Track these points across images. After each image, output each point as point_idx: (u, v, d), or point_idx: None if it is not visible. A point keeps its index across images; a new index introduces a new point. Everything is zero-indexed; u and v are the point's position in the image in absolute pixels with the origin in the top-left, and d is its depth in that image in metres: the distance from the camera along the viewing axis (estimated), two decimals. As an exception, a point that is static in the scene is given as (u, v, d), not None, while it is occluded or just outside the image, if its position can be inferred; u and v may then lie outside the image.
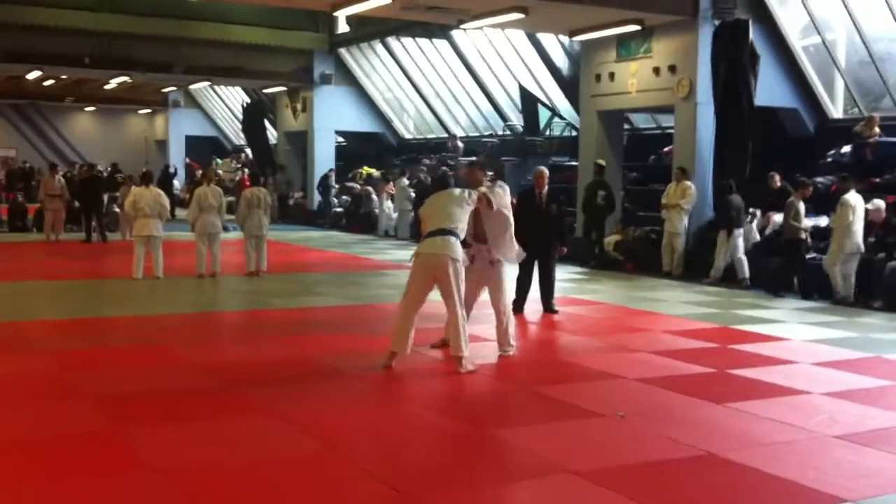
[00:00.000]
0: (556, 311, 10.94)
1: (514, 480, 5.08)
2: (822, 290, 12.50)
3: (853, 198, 12.26)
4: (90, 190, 19.84)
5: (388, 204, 22.76)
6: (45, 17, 22.14)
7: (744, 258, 13.92)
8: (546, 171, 11.13)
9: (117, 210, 21.24)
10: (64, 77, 30.78)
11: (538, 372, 8.03)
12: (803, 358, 8.62)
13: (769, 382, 7.57)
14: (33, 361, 7.93)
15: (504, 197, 8.62)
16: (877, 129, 14.53)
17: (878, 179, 14.08)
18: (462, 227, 7.92)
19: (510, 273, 8.89)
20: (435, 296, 7.87)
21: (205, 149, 36.36)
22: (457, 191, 8.20)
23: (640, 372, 7.85)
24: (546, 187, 10.94)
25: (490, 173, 9.20)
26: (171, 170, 31.71)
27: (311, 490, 4.91)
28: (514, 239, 8.61)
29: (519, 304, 10.95)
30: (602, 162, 16.60)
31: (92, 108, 38.71)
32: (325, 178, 25.65)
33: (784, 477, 5.19)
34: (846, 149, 14.93)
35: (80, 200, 20.09)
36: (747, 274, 13.79)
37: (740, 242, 14.02)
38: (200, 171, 26.98)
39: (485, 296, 8.83)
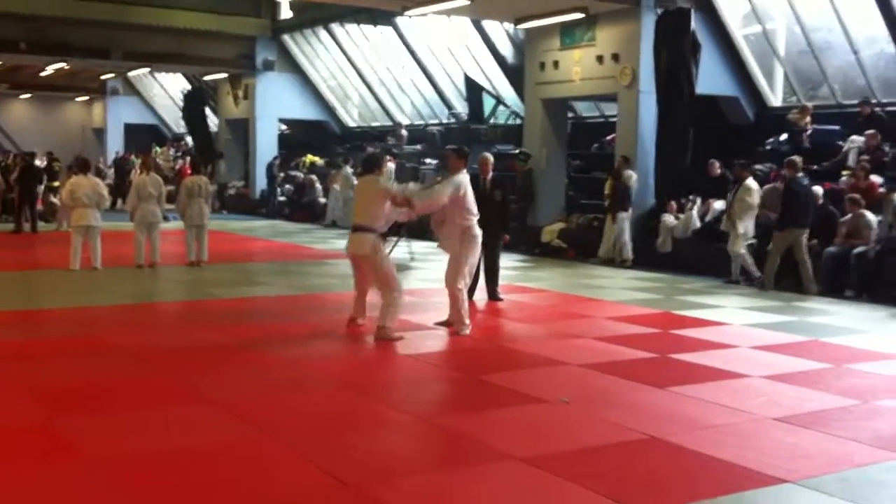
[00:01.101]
0: (500, 299, 10.94)
1: (459, 467, 5.05)
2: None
3: (753, 183, 12.88)
4: (25, 179, 19.32)
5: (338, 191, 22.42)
6: (-23, 1, 21.56)
7: (628, 240, 14.92)
8: (490, 158, 11.10)
9: (55, 200, 20.81)
10: (-1, 63, 30.10)
11: (482, 359, 8.02)
12: (742, 342, 8.73)
13: (709, 366, 7.65)
14: (-35, 353, 7.72)
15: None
16: (809, 118, 14.77)
17: (815, 167, 14.29)
18: (382, 220, 8.61)
19: (472, 255, 9.06)
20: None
21: (144, 137, 35.74)
22: (382, 182, 8.74)
23: (584, 358, 7.88)
24: (490, 173, 10.92)
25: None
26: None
27: (250, 479, 4.83)
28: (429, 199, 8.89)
29: (468, 293, 10.92)
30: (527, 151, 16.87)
31: (28, 96, 37.83)
32: (271, 166, 25.33)
33: (725, 459, 5.24)
34: (784, 136, 15.16)
35: (16, 190, 19.58)
36: (630, 255, 14.85)
37: (626, 226, 14.95)
38: (139, 161, 26.57)
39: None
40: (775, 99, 16.47)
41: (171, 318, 10.38)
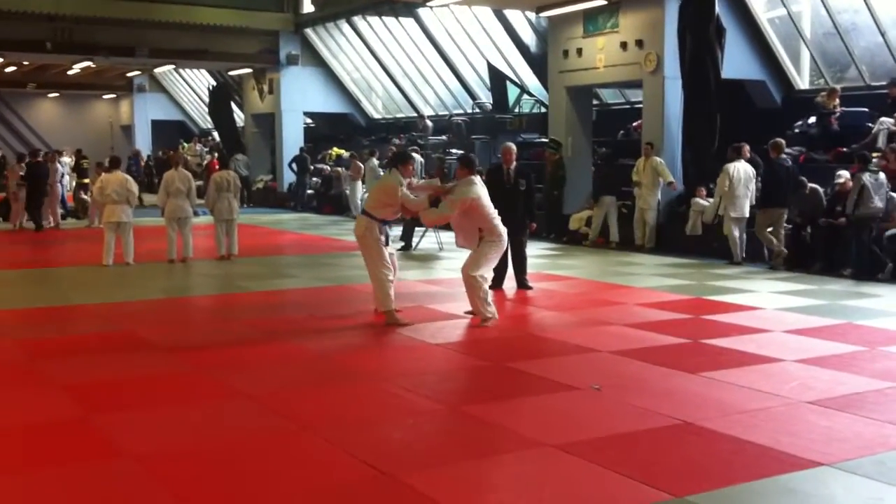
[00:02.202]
0: (529, 287, 10.95)
1: (493, 455, 5.08)
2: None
3: (732, 167, 13.19)
4: (34, 177, 19.39)
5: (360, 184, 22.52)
6: (4, 1, 21.72)
7: (615, 222, 15.67)
8: (513, 147, 11.11)
9: (86, 197, 21.01)
10: (26, 63, 30.36)
11: (512, 348, 8.04)
12: (775, 326, 8.69)
13: (742, 351, 7.62)
14: (2, 350, 7.83)
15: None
16: (838, 101, 14.63)
17: (844, 149, 14.18)
18: (382, 209, 8.88)
19: (493, 251, 9.07)
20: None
21: (171, 133, 36.01)
22: (392, 180, 8.94)
23: (615, 344, 7.88)
24: (514, 163, 10.92)
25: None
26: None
27: (290, 471, 4.89)
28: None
29: (497, 282, 10.94)
30: (557, 139, 16.87)
31: (55, 95, 38.19)
32: (304, 159, 25.27)
33: (759, 443, 5.23)
34: (813, 119, 15.03)
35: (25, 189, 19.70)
36: (617, 238, 15.63)
37: (613, 209, 15.68)
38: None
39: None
40: (802, 82, 16.33)
41: (204, 312, 10.48)
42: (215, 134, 31.77)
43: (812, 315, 9.25)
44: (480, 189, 8.97)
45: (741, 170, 13.23)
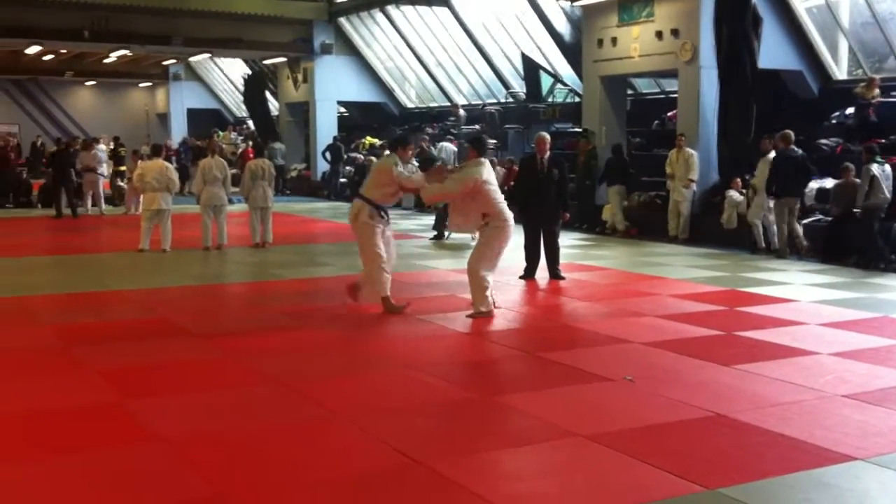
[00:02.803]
0: (562, 278, 10.92)
1: (525, 445, 5.09)
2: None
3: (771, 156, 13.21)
4: (60, 164, 19.50)
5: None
6: (42, -9, 22.00)
7: (619, 211, 16.04)
8: (547, 137, 11.09)
9: (123, 184, 21.23)
10: (63, 51, 30.66)
11: (545, 338, 8.03)
12: (811, 319, 8.61)
13: (777, 343, 7.56)
14: (37, 335, 7.95)
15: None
16: (877, 91, 14.43)
17: (882, 140, 14.00)
18: (378, 191, 8.82)
19: (498, 241, 8.77)
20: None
21: (207, 121, 36.24)
22: (388, 161, 8.93)
23: (648, 336, 7.85)
24: (548, 152, 10.89)
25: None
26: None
27: (323, 457, 4.93)
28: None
29: (529, 272, 10.94)
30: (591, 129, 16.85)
31: (92, 83, 38.56)
32: (338, 148, 25.31)
33: (793, 436, 5.19)
34: (850, 110, 14.86)
35: (53, 175, 19.84)
36: (620, 227, 16.00)
37: (618, 198, 16.06)
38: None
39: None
40: (840, 72, 16.11)
41: (238, 299, 10.56)
42: (250, 122, 31.94)
43: (848, 308, 9.16)
44: (487, 172, 8.70)
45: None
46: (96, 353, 7.24)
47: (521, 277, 10.94)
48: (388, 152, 9.14)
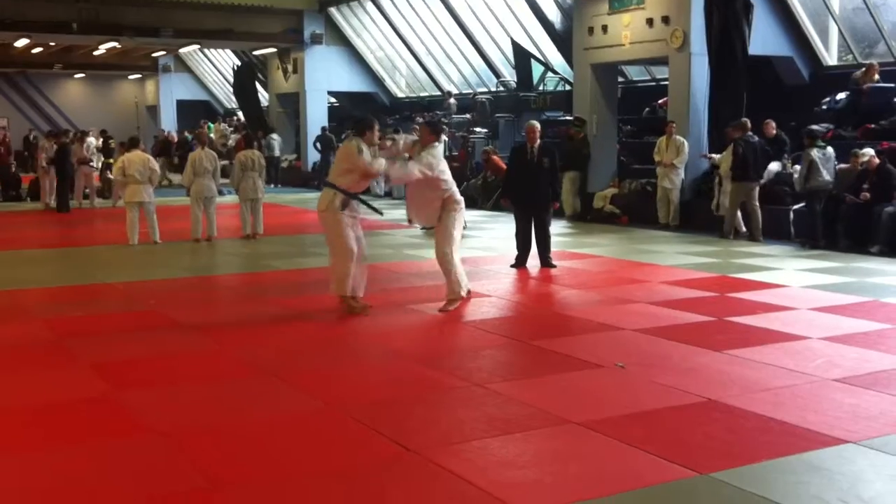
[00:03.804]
0: (553, 266, 10.93)
1: (518, 432, 5.09)
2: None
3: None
4: (59, 159, 19.38)
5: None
6: (31, -17, 21.90)
7: (571, 197, 16.50)
8: (537, 125, 11.06)
9: (112, 176, 21.13)
10: (52, 44, 30.52)
11: (536, 326, 8.04)
12: (801, 304, 8.64)
13: (768, 329, 7.59)
14: (29, 329, 7.93)
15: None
16: (876, 77, 14.44)
17: (873, 125, 14.04)
18: (344, 177, 8.27)
19: (457, 224, 8.67)
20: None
21: (196, 113, 36.15)
22: (351, 144, 8.32)
23: (639, 323, 7.86)
24: (538, 141, 10.89)
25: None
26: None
27: (318, 448, 4.92)
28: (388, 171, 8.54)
29: (520, 260, 10.96)
30: (582, 117, 16.85)
31: (81, 75, 38.42)
32: (328, 139, 25.21)
33: (785, 420, 5.21)
34: (841, 96, 14.88)
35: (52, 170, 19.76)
36: (568, 210, 16.59)
37: (569, 184, 16.33)
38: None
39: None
40: (831, 58, 16.14)
41: (230, 290, 10.55)
42: (240, 114, 31.86)
43: (838, 293, 9.19)
44: (440, 155, 8.61)
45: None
46: (89, 346, 7.22)
47: (512, 266, 10.95)
48: (350, 136, 8.66)
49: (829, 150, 12.68)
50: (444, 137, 19.32)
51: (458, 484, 4.35)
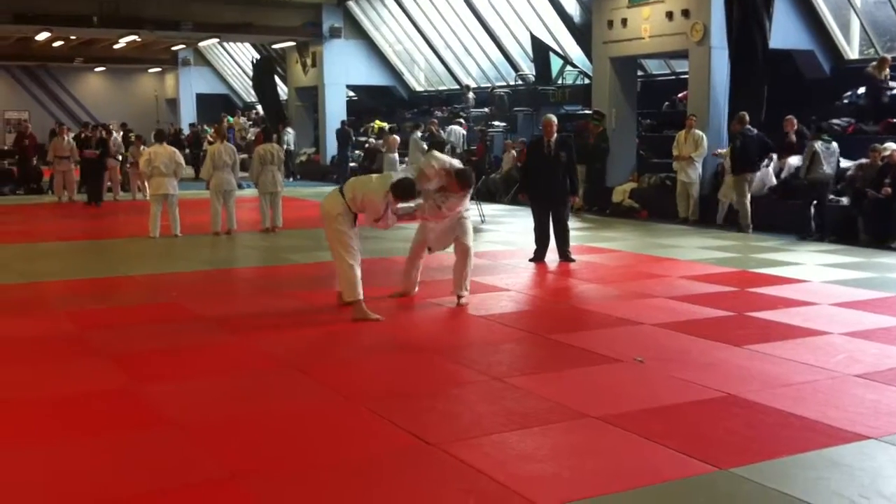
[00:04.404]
0: (572, 260, 10.91)
1: (536, 426, 5.09)
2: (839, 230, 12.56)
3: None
4: (103, 152, 19.59)
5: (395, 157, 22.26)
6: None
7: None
8: (554, 119, 11.01)
9: (128, 169, 21.25)
10: (73, 37, 30.68)
11: (555, 320, 8.03)
12: (822, 299, 8.59)
13: (788, 324, 7.55)
14: (51, 321, 7.98)
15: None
16: (888, 71, 14.34)
17: (894, 120, 13.93)
18: (361, 212, 8.02)
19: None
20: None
21: (216, 106, 36.27)
22: (378, 198, 7.92)
23: (658, 317, 7.84)
24: (555, 135, 10.82)
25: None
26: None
27: (337, 441, 4.94)
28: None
29: (539, 255, 10.93)
30: (601, 110, 16.78)
31: (102, 69, 38.59)
32: (346, 133, 25.22)
33: (805, 416, 5.19)
34: (862, 90, 14.77)
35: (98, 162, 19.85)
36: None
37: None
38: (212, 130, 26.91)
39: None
40: (852, 52, 16.02)
41: (249, 283, 10.58)
42: (259, 107, 31.95)
43: (860, 288, 9.14)
44: (464, 203, 8.53)
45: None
46: (110, 339, 7.26)
47: (531, 260, 10.94)
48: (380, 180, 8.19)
49: (834, 144, 12.84)
50: (461, 132, 19.43)
51: (476, 477, 4.36)
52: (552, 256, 10.98)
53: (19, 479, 4.42)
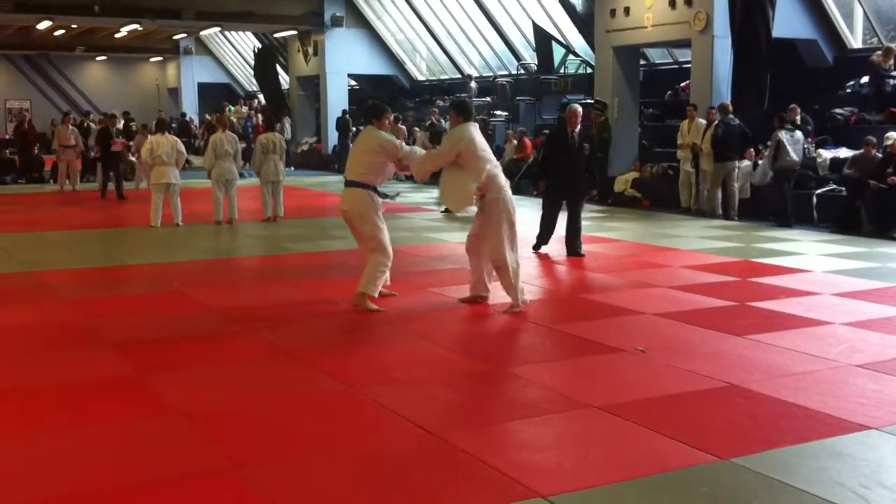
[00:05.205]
0: (582, 255, 10.62)
1: (538, 415, 5.09)
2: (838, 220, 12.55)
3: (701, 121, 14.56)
4: (105, 142, 19.45)
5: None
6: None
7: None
8: (580, 109, 10.58)
9: (133, 159, 21.23)
10: (74, 26, 30.65)
11: (558, 310, 8.04)
12: (824, 289, 8.59)
13: (790, 314, 7.55)
14: (53, 310, 7.99)
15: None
16: (892, 60, 14.30)
17: (897, 109, 13.92)
18: (373, 173, 7.79)
19: (500, 214, 7.75)
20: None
21: (217, 95, 36.24)
22: (380, 135, 7.81)
23: (660, 307, 7.84)
24: (579, 126, 10.47)
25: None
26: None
27: (340, 430, 4.94)
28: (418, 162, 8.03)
29: (542, 242, 10.82)
30: (603, 100, 16.73)
31: (103, 58, 38.53)
32: (346, 122, 25.23)
33: (807, 406, 5.19)
34: (865, 79, 14.74)
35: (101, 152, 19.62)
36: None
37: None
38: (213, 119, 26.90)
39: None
40: (855, 41, 15.99)
41: (251, 272, 10.59)
42: (261, 96, 31.91)
43: (862, 278, 9.13)
44: (476, 135, 7.71)
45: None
46: (113, 328, 7.27)
47: (533, 248, 10.85)
48: (366, 127, 8.03)
49: (798, 133, 13.40)
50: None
51: (478, 467, 4.36)
52: (553, 246, 10.94)
53: (23, 466, 4.43)
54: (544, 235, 10.87)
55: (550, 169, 10.85)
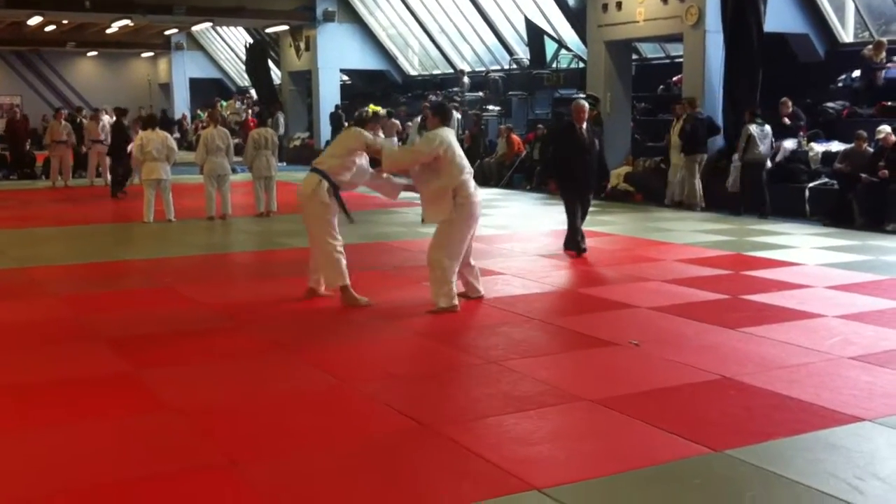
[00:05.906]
0: (584, 250, 10.35)
1: (532, 409, 5.10)
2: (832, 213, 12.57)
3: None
4: (119, 137, 18.28)
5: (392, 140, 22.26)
6: (43, -39, 21.88)
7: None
8: (586, 105, 10.36)
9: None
10: (65, 22, 30.51)
11: (552, 303, 8.05)
12: (817, 282, 8.62)
13: (783, 307, 7.57)
14: (46, 306, 7.98)
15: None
16: (884, 54, 14.33)
17: (889, 103, 13.93)
18: (335, 164, 7.93)
19: (462, 220, 7.58)
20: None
21: (209, 91, 36.14)
22: (363, 134, 7.93)
23: (654, 300, 7.86)
24: (586, 122, 10.22)
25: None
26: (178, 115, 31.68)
27: (333, 423, 4.95)
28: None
29: (572, 242, 10.44)
30: (595, 94, 16.72)
31: (94, 53, 38.41)
32: (338, 117, 25.19)
33: (800, 398, 5.21)
34: (857, 73, 14.77)
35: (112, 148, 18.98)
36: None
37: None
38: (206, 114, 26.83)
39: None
40: (847, 35, 16.01)
41: (244, 268, 10.58)
42: (252, 92, 31.84)
43: (854, 271, 9.16)
44: (453, 138, 7.67)
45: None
46: (107, 323, 7.27)
47: (564, 247, 10.46)
48: (349, 127, 8.21)
49: (767, 127, 13.78)
50: (456, 116, 19.34)
51: (472, 460, 4.37)
52: (553, 241, 10.92)
53: (19, 463, 4.43)
54: (574, 234, 10.39)
55: (564, 169, 10.49)
